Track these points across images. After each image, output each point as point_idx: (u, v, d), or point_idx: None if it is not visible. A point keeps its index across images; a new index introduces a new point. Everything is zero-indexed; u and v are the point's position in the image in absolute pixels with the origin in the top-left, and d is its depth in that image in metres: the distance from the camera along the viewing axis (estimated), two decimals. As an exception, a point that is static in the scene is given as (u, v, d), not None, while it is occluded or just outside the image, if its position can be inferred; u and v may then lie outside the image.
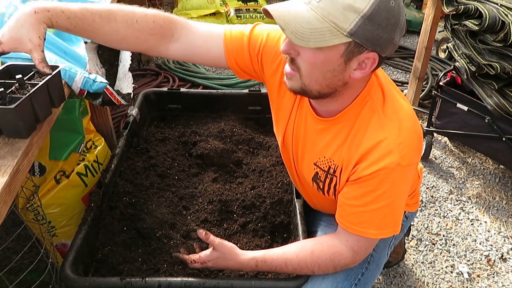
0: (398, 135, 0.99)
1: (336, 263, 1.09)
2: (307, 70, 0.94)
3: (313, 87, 0.96)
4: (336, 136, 1.06)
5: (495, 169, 2.38)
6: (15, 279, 1.27)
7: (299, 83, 0.97)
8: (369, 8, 0.84)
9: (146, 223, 1.38)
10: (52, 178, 1.41)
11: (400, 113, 1.02)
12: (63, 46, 1.16)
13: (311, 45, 0.87)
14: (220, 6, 3.89)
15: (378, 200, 1.02)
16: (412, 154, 1.01)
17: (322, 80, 0.94)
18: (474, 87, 2.09)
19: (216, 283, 1.11)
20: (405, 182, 1.05)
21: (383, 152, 0.98)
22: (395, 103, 1.04)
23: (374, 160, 0.99)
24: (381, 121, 1.00)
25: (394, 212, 1.06)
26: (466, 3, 1.96)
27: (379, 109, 1.01)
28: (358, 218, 1.05)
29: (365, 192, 1.02)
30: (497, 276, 1.83)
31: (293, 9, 0.88)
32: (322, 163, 1.11)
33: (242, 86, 2.98)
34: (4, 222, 0.84)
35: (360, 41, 0.87)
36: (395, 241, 1.34)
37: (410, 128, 1.02)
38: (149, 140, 1.77)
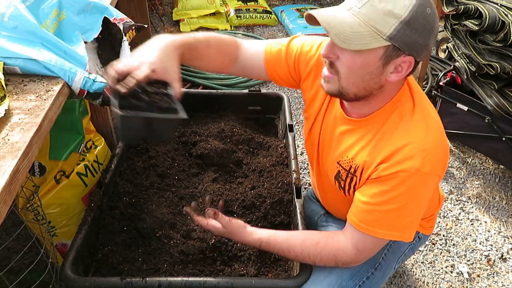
0: (423, 142, 1.01)
1: (338, 258, 1.10)
2: (346, 73, 0.98)
3: (350, 90, 1.01)
4: (362, 138, 1.09)
5: (495, 169, 2.38)
6: (15, 279, 1.27)
7: (336, 85, 1.02)
8: (408, 14, 0.90)
9: (146, 223, 1.38)
10: (52, 178, 1.41)
11: (429, 122, 1.05)
12: (63, 46, 1.16)
13: (352, 48, 0.92)
14: (220, 6, 3.89)
15: (392, 202, 1.03)
16: (434, 163, 1.02)
17: (360, 82, 0.99)
18: (474, 87, 2.09)
19: (217, 282, 1.11)
20: (422, 190, 1.05)
21: (405, 155, 1.00)
22: (424, 111, 1.07)
23: (395, 161, 1.01)
24: (408, 127, 1.03)
25: (406, 217, 1.06)
26: (466, 3, 1.96)
27: (408, 115, 1.04)
28: (369, 216, 1.06)
29: (381, 191, 1.04)
30: (497, 276, 1.83)
31: (337, 14, 0.94)
32: (345, 163, 1.14)
33: (242, 86, 2.98)
34: (4, 222, 0.84)
35: (399, 45, 0.92)
36: (404, 257, 1.35)
37: (436, 138, 1.04)
38: (149, 140, 1.76)
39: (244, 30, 3.82)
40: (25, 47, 1.11)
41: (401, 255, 1.33)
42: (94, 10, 1.33)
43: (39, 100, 1.05)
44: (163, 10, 4.06)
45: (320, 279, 1.14)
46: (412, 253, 1.39)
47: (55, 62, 1.11)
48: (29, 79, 1.12)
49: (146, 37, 3.47)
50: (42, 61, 1.10)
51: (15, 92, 1.07)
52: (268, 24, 3.93)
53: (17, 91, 1.07)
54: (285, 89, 3.04)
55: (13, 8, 1.13)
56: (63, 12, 1.26)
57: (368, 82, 0.99)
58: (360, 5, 0.92)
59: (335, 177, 1.19)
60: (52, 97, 1.06)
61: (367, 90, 1.01)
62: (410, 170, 1.00)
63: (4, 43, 1.10)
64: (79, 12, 1.30)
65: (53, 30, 1.22)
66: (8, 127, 0.95)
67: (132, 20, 1.42)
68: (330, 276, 1.15)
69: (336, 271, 1.15)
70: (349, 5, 0.94)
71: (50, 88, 1.09)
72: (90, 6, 1.32)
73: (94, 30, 1.30)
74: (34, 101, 1.04)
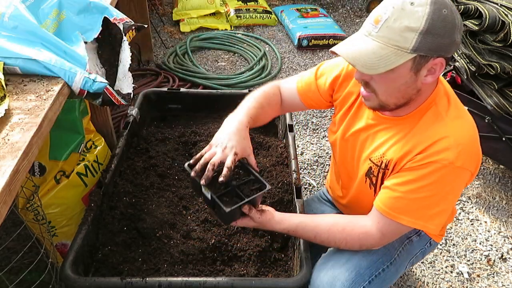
0: (459, 137, 1.05)
1: (363, 242, 1.15)
2: (382, 89, 1.05)
3: (390, 102, 1.07)
4: (396, 135, 1.14)
5: (495, 169, 2.38)
6: (15, 279, 1.27)
7: (376, 102, 1.08)
8: (424, 24, 0.94)
9: (146, 223, 1.38)
10: (52, 178, 1.41)
11: (464, 119, 1.10)
12: (63, 46, 1.16)
13: (381, 71, 0.98)
14: (220, 6, 3.89)
15: (421, 191, 1.06)
16: (468, 158, 1.05)
17: (397, 93, 1.05)
18: (474, 87, 2.09)
19: (217, 282, 1.11)
20: (453, 183, 1.07)
21: (441, 147, 1.04)
22: (459, 109, 1.11)
23: (431, 153, 1.04)
24: (445, 122, 1.07)
25: (433, 207, 1.08)
26: (466, 3, 1.96)
27: (443, 113, 1.08)
28: (396, 203, 1.09)
29: (411, 179, 1.07)
30: (497, 276, 1.83)
31: (357, 44, 1.00)
32: (376, 158, 1.17)
33: (242, 86, 2.98)
34: (4, 222, 0.84)
35: (425, 53, 0.96)
36: (415, 259, 1.38)
37: (471, 134, 1.09)
38: (149, 140, 1.76)
39: (244, 30, 3.82)
40: (25, 47, 1.11)
41: (413, 257, 1.36)
42: (94, 10, 1.33)
43: (39, 100, 1.05)
44: (163, 10, 4.06)
45: (339, 264, 1.19)
46: (422, 257, 1.42)
47: (55, 62, 1.11)
48: (29, 79, 1.12)
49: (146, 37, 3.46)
50: (42, 61, 1.10)
51: (15, 92, 1.07)
52: (268, 24, 3.93)
53: (17, 91, 1.07)
54: (285, 89, 3.05)
55: (13, 8, 1.13)
56: (63, 12, 1.26)
57: (405, 91, 1.04)
58: (377, 29, 0.97)
59: (366, 174, 1.22)
60: (52, 97, 1.06)
61: (406, 98, 1.06)
62: (443, 162, 1.03)
63: (4, 43, 1.10)
64: (79, 12, 1.30)
65: (53, 30, 1.22)
66: (8, 127, 0.95)
67: (132, 20, 1.42)
68: (348, 263, 1.19)
69: (355, 259, 1.20)
70: (368, 31, 0.99)
71: (50, 88, 1.09)
72: (90, 6, 1.31)
73: (94, 30, 1.30)
74: (34, 101, 1.04)
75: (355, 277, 1.17)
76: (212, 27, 3.77)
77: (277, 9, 4.11)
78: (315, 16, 3.86)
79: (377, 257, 1.23)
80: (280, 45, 3.61)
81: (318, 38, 3.51)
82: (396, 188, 1.09)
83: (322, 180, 2.27)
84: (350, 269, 1.18)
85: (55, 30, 1.23)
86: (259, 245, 1.35)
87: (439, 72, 1.01)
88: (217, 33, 3.65)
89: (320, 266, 1.21)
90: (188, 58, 3.27)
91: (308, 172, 2.33)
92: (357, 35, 1.02)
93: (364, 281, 1.19)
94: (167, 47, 3.47)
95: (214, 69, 3.23)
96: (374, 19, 0.98)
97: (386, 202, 1.11)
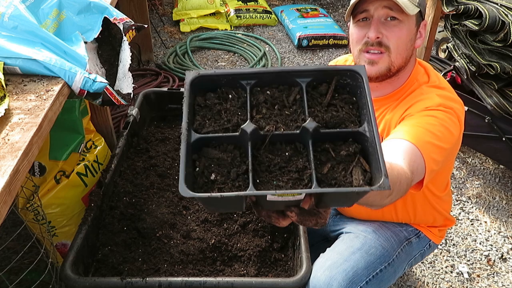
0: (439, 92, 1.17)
1: (403, 183, 1.01)
2: (396, 44, 1.14)
3: (397, 62, 1.16)
4: (382, 112, 1.22)
5: (495, 169, 2.38)
6: (15, 279, 1.27)
7: (386, 62, 1.16)
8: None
9: (146, 223, 1.38)
10: (52, 178, 1.41)
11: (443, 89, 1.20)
12: (63, 46, 1.15)
13: (410, 12, 1.10)
14: (220, 6, 3.89)
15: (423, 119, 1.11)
16: (452, 102, 1.15)
17: (405, 51, 1.16)
18: (474, 87, 2.09)
19: (217, 282, 1.11)
20: (447, 120, 1.11)
21: (424, 100, 1.15)
22: (440, 83, 1.22)
23: (417, 105, 1.14)
24: (424, 91, 1.18)
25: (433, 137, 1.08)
26: (466, 3, 1.96)
27: (424, 86, 1.20)
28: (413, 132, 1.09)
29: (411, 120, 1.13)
30: (497, 276, 1.83)
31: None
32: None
33: (242, 86, 2.97)
34: (4, 222, 0.84)
35: (421, 10, 1.14)
36: (414, 261, 1.39)
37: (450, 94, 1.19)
38: (149, 140, 1.76)
39: (244, 30, 3.82)
40: (25, 47, 1.11)
41: (412, 259, 1.37)
42: (94, 10, 1.33)
43: (39, 100, 1.04)
44: (163, 10, 4.06)
45: (337, 264, 1.19)
46: (421, 259, 1.43)
47: (55, 62, 1.11)
48: (29, 79, 1.12)
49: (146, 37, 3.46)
50: (42, 61, 1.10)
51: (15, 92, 1.07)
52: (268, 24, 3.93)
53: (17, 91, 1.07)
54: (285, 89, 3.05)
55: (13, 8, 1.13)
56: (63, 12, 1.26)
57: (409, 50, 1.16)
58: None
59: None
60: (52, 97, 1.06)
61: (406, 60, 1.18)
62: (433, 107, 1.12)
63: (4, 43, 1.09)
64: (79, 12, 1.30)
65: (53, 30, 1.22)
66: (8, 127, 0.95)
67: (132, 20, 1.42)
68: (346, 263, 1.19)
69: (353, 259, 1.20)
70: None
71: (50, 88, 1.09)
72: (90, 6, 1.31)
73: (94, 30, 1.30)
74: (34, 101, 1.04)
75: (353, 276, 1.18)
76: (212, 27, 3.77)
77: (277, 9, 4.11)
78: (315, 16, 3.86)
79: (375, 257, 1.24)
80: (280, 45, 3.61)
81: (318, 38, 3.51)
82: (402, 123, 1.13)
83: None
84: (347, 269, 1.18)
85: (55, 30, 1.23)
86: (259, 245, 1.35)
87: (424, 34, 1.17)
88: (217, 33, 3.65)
89: (318, 265, 1.21)
90: (188, 58, 3.27)
91: (308, 172, 2.33)
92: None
93: (361, 281, 1.19)
94: (167, 47, 3.47)
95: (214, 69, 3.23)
96: None
97: (411, 135, 1.06)
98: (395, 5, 1.10)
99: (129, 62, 1.37)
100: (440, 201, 1.34)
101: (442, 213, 1.37)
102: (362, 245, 1.26)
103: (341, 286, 1.15)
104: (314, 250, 1.28)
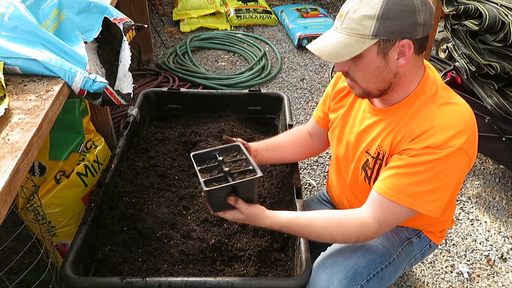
0: (445, 122, 1.08)
1: (359, 233, 1.14)
2: (360, 77, 1.12)
3: (371, 88, 1.13)
4: (388, 125, 1.18)
5: (495, 169, 2.38)
6: (15, 279, 1.27)
7: (359, 89, 1.15)
8: (379, 10, 1.01)
9: (146, 223, 1.38)
10: (52, 178, 1.41)
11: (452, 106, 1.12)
12: (63, 46, 1.16)
13: (346, 59, 1.07)
14: (220, 6, 3.89)
15: (416, 175, 1.09)
16: (459, 138, 1.07)
17: (374, 78, 1.11)
18: (474, 87, 2.09)
19: (217, 282, 1.11)
20: (447, 164, 1.08)
21: (429, 134, 1.08)
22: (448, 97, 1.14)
23: (419, 140, 1.09)
24: (432, 112, 1.11)
25: (423, 186, 1.09)
26: (466, 3, 1.96)
27: (430, 102, 1.12)
28: (395, 182, 1.11)
29: (406, 164, 1.10)
30: (497, 276, 1.83)
31: (325, 38, 1.11)
32: (373, 150, 1.20)
33: (242, 86, 2.98)
34: (4, 222, 0.84)
35: (386, 37, 1.03)
36: (414, 261, 1.39)
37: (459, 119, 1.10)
38: (149, 140, 1.76)
39: (244, 30, 3.82)
40: (25, 47, 1.11)
41: (412, 258, 1.37)
42: (94, 10, 1.33)
43: (39, 100, 1.05)
44: (163, 10, 4.06)
45: (337, 262, 1.20)
46: (421, 259, 1.43)
47: (55, 62, 1.11)
48: (29, 79, 1.12)
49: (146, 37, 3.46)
50: (42, 61, 1.10)
51: (15, 92, 1.07)
52: (268, 24, 3.93)
53: (17, 91, 1.07)
54: (285, 89, 3.04)
55: (13, 8, 1.13)
56: (63, 12, 1.26)
57: (380, 75, 1.10)
58: (341, 22, 1.07)
59: (363, 167, 1.24)
60: (52, 97, 1.06)
61: (385, 81, 1.11)
62: (433, 146, 1.07)
63: (4, 43, 1.10)
64: (79, 12, 1.30)
65: (53, 30, 1.22)
66: (8, 127, 0.95)
67: (132, 20, 1.42)
68: (347, 261, 1.20)
69: (354, 257, 1.21)
70: (335, 25, 1.10)
71: (50, 88, 1.09)
72: (90, 6, 1.32)
73: (94, 30, 1.30)
74: (34, 101, 1.04)
75: (353, 275, 1.18)
76: (212, 27, 3.77)
77: (277, 9, 4.11)
78: (315, 16, 3.86)
79: (376, 256, 1.24)
80: (280, 45, 3.61)
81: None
82: (393, 172, 1.11)
83: (322, 180, 2.27)
84: (348, 267, 1.19)
85: (55, 30, 1.23)
86: (259, 245, 1.35)
87: (409, 52, 1.06)
88: (217, 33, 3.65)
89: (318, 264, 1.22)
90: (188, 58, 3.27)
91: (308, 172, 2.33)
92: (328, 31, 1.12)
93: (362, 280, 1.19)
94: (167, 47, 3.47)
95: (214, 69, 3.23)
96: (339, 14, 1.08)
97: (387, 184, 1.11)
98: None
99: (129, 62, 1.37)
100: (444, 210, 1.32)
101: (443, 220, 1.37)
102: (363, 244, 1.26)
103: (342, 284, 1.16)
104: (316, 249, 1.28)
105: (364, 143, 1.23)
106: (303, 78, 3.18)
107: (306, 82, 3.13)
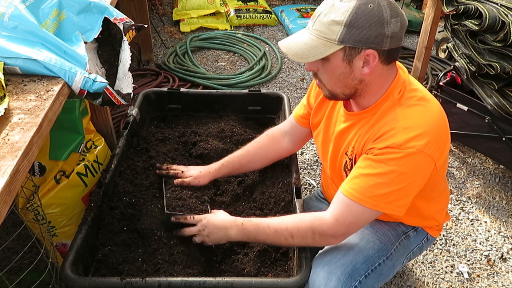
0: (408, 123, 1.10)
1: (315, 226, 1.16)
2: (326, 79, 1.15)
3: (336, 91, 1.16)
4: (360, 128, 1.20)
5: (495, 169, 2.38)
6: (15, 279, 1.27)
7: (326, 91, 1.19)
8: (348, 17, 1.03)
9: (146, 223, 1.38)
10: (52, 178, 1.41)
11: (419, 108, 1.13)
12: (63, 46, 1.15)
13: (310, 60, 1.09)
14: (220, 6, 3.89)
15: (376, 177, 1.10)
16: (419, 140, 1.08)
17: (339, 83, 1.13)
18: (474, 87, 2.09)
19: (217, 282, 1.11)
20: (407, 165, 1.09)
21: (390, 135, 1.10)
22: (418, 99, 1.14)
23: (381, 140, 1.11)
24: (396, 113, 1.13)
25: (385, 187, 1.10)
26: (466, 3, 1.96)
27: (397, 105, 1.14)
28: (356, 183, 1.13)
29: (367, 165, 1.13)
30: (497, 276, 1.83)
31: (296, 37, 1.13)
32: (350, 152, 1.23)
33: (242, 86, 2.98)
34: (4, 222, 0.84)
35: (352, 44, 1.05)
36: (412, 255, 1.40)
37: (426, 120, 1.11)
38: (149, 140, 1.76)
39: (244, 30, 3.82)
40: (25, 47, 1.11)
41: (410, 252, 1.38)
42: (94, 10, 1.33)
43: (39, 100, 1.05)
44: (163, 10, 4.06)
45: (335, 259, 1.20)
46: (419, 253, 1.43)
47: (55, 62, 1.11)
48: (29, 79, 1.12)
49: (146, 37, 3.46)
50: (42, 61, 1.10)
51: (15, 92, 1.07)
52: (268, 24, 3.93)
53: (17, 91, 1.07)
54: (285, 89, 3.05)
55: (13, 8, 1.13)
56: (63, 12, 1.26)
57: (345, 80, 1.12)
58: (313, 24, 1.09)
59: (344, 168, 1.26)
60: (52, 97, 1.06)
61: (350, 87, 1.14)
62: (392, 146, 1.08)
63: (4, 43, 1.10)
64: (79, 12, 1.30)
65: (53, 30, 1.22)
66: (8, 127, 0.95)
67: (132, 20, 1.42)
68: (344, 258, 1.21)
69: (352, 254, 1.22)
70: (307, 26, 1.12)
71: (50, 88, 1.09)
72: (90, 6, 1.31)
73: (94, 30, 1.30)
74: (34, 101, 1.04)
75: (351, 271, 1.19)
76: (212, 27, 3.77)
77: (277, 9, 4.11)
78: (315, 16, 3.86)
79: (373, 251, 1.25)
80: (280, 45, 3.61)
81: (318, 38, 3.51)
82: (358, 172, 1.13)
83: (322, 180, 2.28)
84: (346, 263, 1.20)
85: (55, 30, 1.23)
86: (259, 245, 1.35)
87: (373, 62, 1.07)
88: (217, 33, 3.65)
89: (316, 261, 1.22)
90: (188, 58, 3.27)
91: (308, 172, 2.33)
92: (300, 30, 1.14)
93: (360, 275, 1.20)
94: (167, 47, 3.47)
95: (214, 69, 3.23)
96: (312, 15, 1.10)
97: (351, 185, 1.13)
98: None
99: (129, 62, 1.37)
100: (431, 204, 1.32)
101: (434, 215, 1.36)
102: (360, 240, 1.27)
103: (340, 280, 1.16)
104: (314, 247, 1.28)
105: (342, 145, 1.26)
106: (303, 78, 3.18)
107: (306, 82, 3.14)
